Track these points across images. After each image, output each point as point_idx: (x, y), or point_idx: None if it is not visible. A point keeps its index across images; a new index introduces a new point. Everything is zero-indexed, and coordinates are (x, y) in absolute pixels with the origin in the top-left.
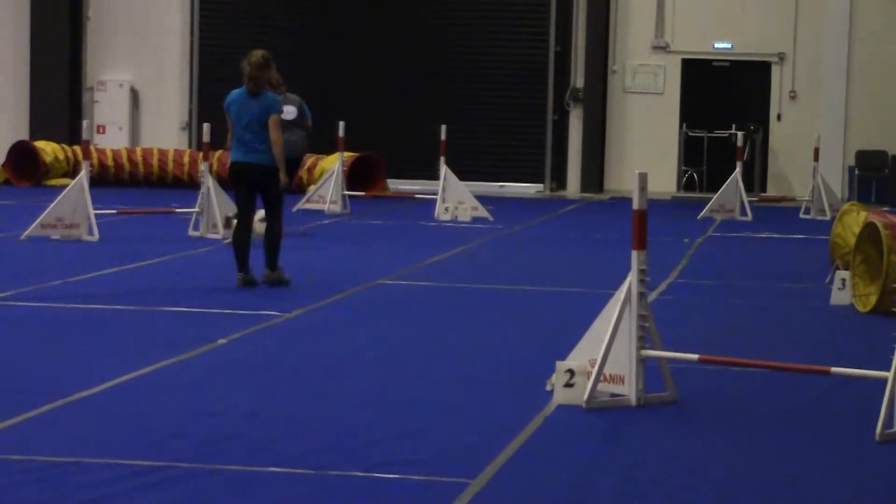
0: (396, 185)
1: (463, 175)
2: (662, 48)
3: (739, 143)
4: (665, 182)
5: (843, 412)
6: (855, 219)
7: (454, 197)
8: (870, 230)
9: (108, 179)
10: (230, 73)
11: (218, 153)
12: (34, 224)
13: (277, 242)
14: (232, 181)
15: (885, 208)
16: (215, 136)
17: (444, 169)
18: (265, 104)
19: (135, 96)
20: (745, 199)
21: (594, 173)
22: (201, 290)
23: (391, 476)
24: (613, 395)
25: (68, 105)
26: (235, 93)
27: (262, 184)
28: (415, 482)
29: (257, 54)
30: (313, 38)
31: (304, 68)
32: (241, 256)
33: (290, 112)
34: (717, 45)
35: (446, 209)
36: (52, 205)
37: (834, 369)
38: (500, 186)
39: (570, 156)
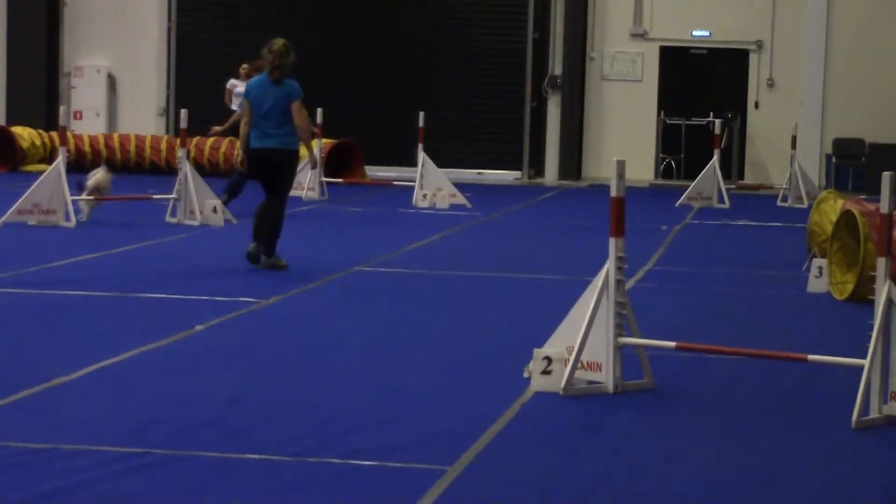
0: (374, 171)
1: (441, 162)
2: (640, 35)
3: (717, 130)
4: (643, 169)
5: (819, 400)
6: (832, 207)
7: (432, 184)
8: (847, 218)
9: (86, 165)
10: (207, 60)
11: (195, 139)
12: (10, 210)
13: (277, 228)
14: (250, 166)
15: (862, 196)
16: (193, 122)
17: (422, 156)
18: (287, 91)
19: (112, 82)
20: (723, 186)
21: (572, 160)
22: (179, 276)
23: (369, 463)
24: (591, 382)
25: (45, 91)
26: (255, 80)
27: (275, 167)
28: (392, 469)
29: (278, 42)
30: (290, 24)
31: None
32: (259, 230)
33: None
34: (694, 33)
35: (424, 196)
36: (28, 190)
37: (811, 357)
38: (479, 173)
39: (548, 143)
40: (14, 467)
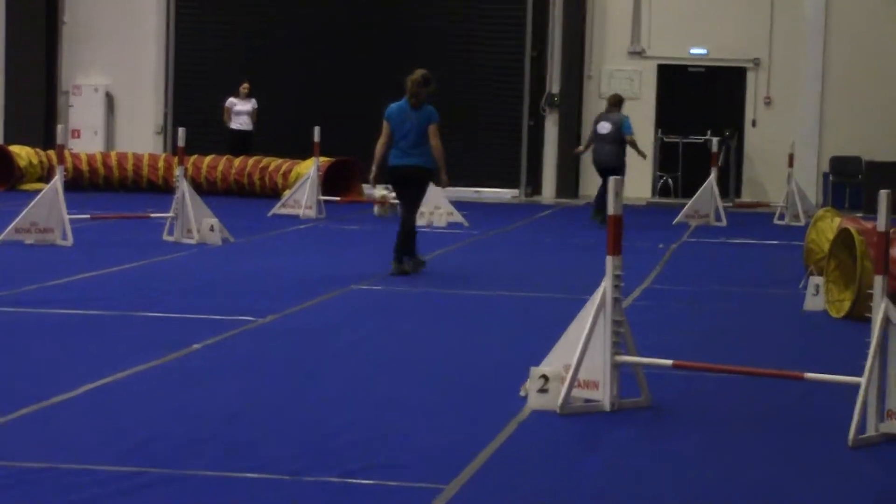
0: (372, 189)
1: None
2: (638, 54)
3: (714, 148)
4: (640, 188)
5: (816, 418)
6: (829, 224)
7: (429, 202)
8: (844, 236)
9: (83, 184)
10: (205, 78)
11: (193, 157)
12: (8, 228)
13: (413, 234)
14: (391, 181)
15: (859, 214)
16: (190, 141)
17: None
18: (424, 115)
19: (110, 101)
20: (720, 204)
21: (570, 178)
22: (176, 295)
23: (366, 481)
24: (587, 400)
25: (43, 109)
26: (395, 105)
27: (410, 182)
28: (389, 487)
29: (418, 74)
30: (288, 43)
31: (279, 73)
32: (399, 247)
33: (604, 128)
34: (692, 51)
35: (421, 214)
36: (26, 209)
37: (807, 375)
38: (476, 191)
39: (545, 161)
40: (12, 487)
